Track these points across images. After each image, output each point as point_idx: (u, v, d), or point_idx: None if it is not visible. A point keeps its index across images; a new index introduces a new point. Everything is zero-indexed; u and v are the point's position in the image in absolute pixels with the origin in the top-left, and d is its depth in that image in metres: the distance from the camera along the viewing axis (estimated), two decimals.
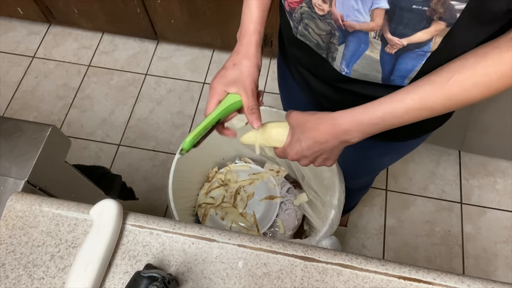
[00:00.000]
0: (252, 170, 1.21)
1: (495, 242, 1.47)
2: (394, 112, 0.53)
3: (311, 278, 0.55)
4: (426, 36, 0.48)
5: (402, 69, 0.55)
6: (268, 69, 1.80)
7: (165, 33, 1.73)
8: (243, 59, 0.63)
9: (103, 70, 1.82)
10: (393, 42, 0.51)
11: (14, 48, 1.87)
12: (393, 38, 0.51)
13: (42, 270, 0.56)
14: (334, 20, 0.54)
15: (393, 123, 0.54)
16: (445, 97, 0.50)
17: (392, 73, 0.56)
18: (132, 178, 1.58)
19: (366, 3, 0.48)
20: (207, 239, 0.58)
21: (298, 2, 0.57)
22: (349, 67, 0.59)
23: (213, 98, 0.64)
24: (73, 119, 1.72)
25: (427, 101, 0.51)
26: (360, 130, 0.56)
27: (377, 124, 0.54)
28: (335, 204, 0.93)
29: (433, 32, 0.48)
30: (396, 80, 0.57)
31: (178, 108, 1.73)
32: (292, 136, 0.63)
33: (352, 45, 0.56)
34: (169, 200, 0.96)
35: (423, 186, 1.57)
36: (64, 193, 0.72)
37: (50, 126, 0.69)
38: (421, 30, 0.48)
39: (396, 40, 0.51)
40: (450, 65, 0.50)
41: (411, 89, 0.52)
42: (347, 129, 0.56)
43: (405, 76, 0.56)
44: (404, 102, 0.52)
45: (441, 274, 0.54)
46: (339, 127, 0.57)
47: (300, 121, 0.61)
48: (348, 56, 0.58)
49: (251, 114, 0.63)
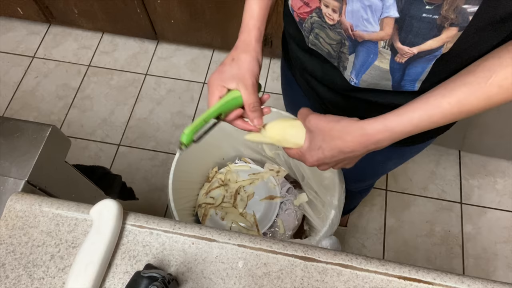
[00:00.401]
0: (252, 170, 1.21)
1: (495, 242, 1.47)
2: (430, 118, 0.50)
3: (311, 278, 0.55)
4: (437, 44, 0.48)
5: (412, 74, 0.54)
6: (268, 69, 1.80)
7: (165, 33, 1.73)
8: (241, 53, 0.61)
9: (103, 70, 1.82)
10: (403, 51, 0.50)
11: (14, 48, 1.87)
12: (403, 47, 0.50)
13: (42, 270, 0.56)
14: (344, 29, 0.53)
15: (428, 128, 0.51)
16: (484, 98, 0.47)
17: (402, 79, 0.56)
18: (132, 178, 1.58)
19: (375, 12, 0.48)
20: (207, 239, 0.58)
21: (308, 12, 0.57)
22: (358, 77, 0.58)
23: (213, 95, 0.62)
24: (73, 119, 1.72)
25: (465, 104, 0.48)
26: (392, 139, 0.53)
27: (411, 132, 0.52)
28: (335, 204, 0.93)
29: (444, 40, 0.47)
30: (407, 85, 0.56)
31: (178, 108, 1.73)
32: (311, 141, 0.59)
33: (361, 55, 0.55)
34: (169, 200, 0.96)
35: (423, 186, 1.57)
36: (64, 193, 0.72)
37: (50, 126, 0.69)
38: (431, 38, 0.47)
39: (406, 49, 0.50)
40: (485, 64, 0.47)
41: (447, 92, 0.49)
42: (378, 140, 0.53)
43: (415, 79, 0.55)
44: (440, 107, 0.49)
45: (441, 274, 0.54)
46: (370, 138, 0.53)
47: (322, 128, 0.57)
48: (358, 66, 0.57)
49: (252, 112, 0.61)
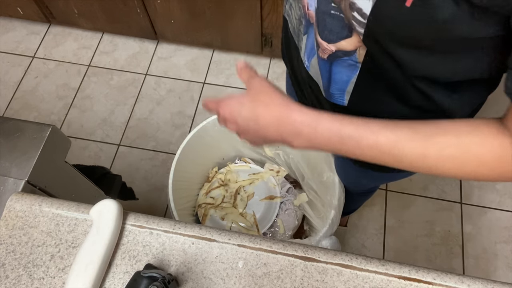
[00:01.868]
0: (252, 170, 1.21)
1: (495, 242, 1.46)
2: (359, 141, 0.44)
3: (311, 278, 0.55)
4: (350, 46, 0.46)
5: (338, 80, 0.52)
6: (268, 69, 1.80)
7: (165, 33, 1.73)
8: None
9: (103, 70, 1.82)
10: (323, 46, 0.49)
11: (14, 48, 1.87)
12: (322, 42, 0.48)
13: (42, 270, 0.56)
14: (302, 6, 0.51)
15: (348, 152, 0.46)
16: (420, 152, 0.43)
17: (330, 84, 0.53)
18: (132, 178, 1.58)
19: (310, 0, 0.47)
20: (207, 239, 0.58)
21: None
22: (309, 61, 0.56)
23: None
24: (73, 119, 1.72)
25: (399, 147, 0.43)
26: (311, 141, 0.47)
27: (332, 144, 0.46)
28: (335, 204, 0.93)
29: (355, 43, 0.45)
30: (336, 95, 0.54)
31: (178, 108, 1.73)
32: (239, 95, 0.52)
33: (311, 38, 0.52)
34: (169, 200, 0.96)
35: (423, 186, 1.57)
36: (64, 193, 0.72)
37: (50, 126, 0.69)
38: (344, 38, 0.45)
39: (325, 45, 0.48)
40: (440, 122, 0.44)
41: (390, 126, 0.44)
42: (296, 132, 0.47)
43: (343, 89, 0.53)
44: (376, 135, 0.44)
45: (441, 274, 0.54)
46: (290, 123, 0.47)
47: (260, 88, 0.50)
48: (308, 49, 0.54)
49: None
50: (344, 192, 0.97)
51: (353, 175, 0.88)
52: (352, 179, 0.93)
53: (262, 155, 1.21)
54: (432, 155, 0.42)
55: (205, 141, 1.06)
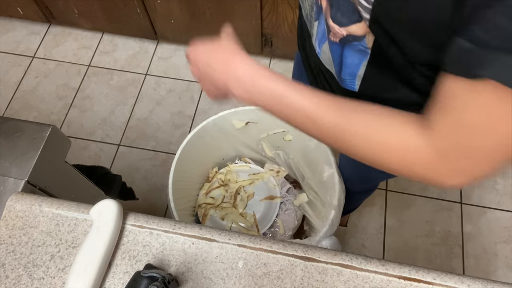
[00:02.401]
0: (252, 170, 1.21)
1: (495, 242, 1.46)
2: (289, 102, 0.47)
3: (311, 278, 0.55)
4: (360, 31, 0.46)
5: (350, 64, 0.52)
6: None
7: (165, 33, 1.73)
8: None
9: (103, 70, 1.82)
10: (334, 30, 0.49)
11: (14, 48, 1.87)
12: (334, 25, 0.48)
13: (42, 270, 0.56)
14: None
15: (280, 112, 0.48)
16: (334, 123, 0.44)
17: (341, 68, 0.54)
18: (132, 178, 1.58)
19: None
20: (207, 239, 0.58)
21: None
22: (320, 47, 0.56)
23: None
24: (73, 119, 1.72)
25: (319, 113, 0.45)
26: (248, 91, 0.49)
27: (265, 99, 0.48)
28: (335, 204, 0.93)
29: (365, 29, 0.45)
30: (347, 80, 0.55)
31: (178, 108, 1.73)
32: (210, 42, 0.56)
33: (321, 24, 0.53)
34: (169, 200, 0.96)
35: (423, 186, 1.57)
36: (64, 193, 0.72)
37: (50, 126, 0.69)
38: (355, 23, 0.46)
39: (336, 28, 0.48)
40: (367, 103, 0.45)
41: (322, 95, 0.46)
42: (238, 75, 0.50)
43: (354, 73, 0.53)
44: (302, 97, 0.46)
45: (441, 274, 0.54)
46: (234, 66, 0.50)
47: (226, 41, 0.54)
48: (319, 35, 0.55)
49: None
50: (344, 192, 0.97)
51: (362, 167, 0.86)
52: (361, 172, 0.93)
53: (262, 155, 1.21)
54: (349, 129, 0.44)
55: (205, 141, 1.06)
